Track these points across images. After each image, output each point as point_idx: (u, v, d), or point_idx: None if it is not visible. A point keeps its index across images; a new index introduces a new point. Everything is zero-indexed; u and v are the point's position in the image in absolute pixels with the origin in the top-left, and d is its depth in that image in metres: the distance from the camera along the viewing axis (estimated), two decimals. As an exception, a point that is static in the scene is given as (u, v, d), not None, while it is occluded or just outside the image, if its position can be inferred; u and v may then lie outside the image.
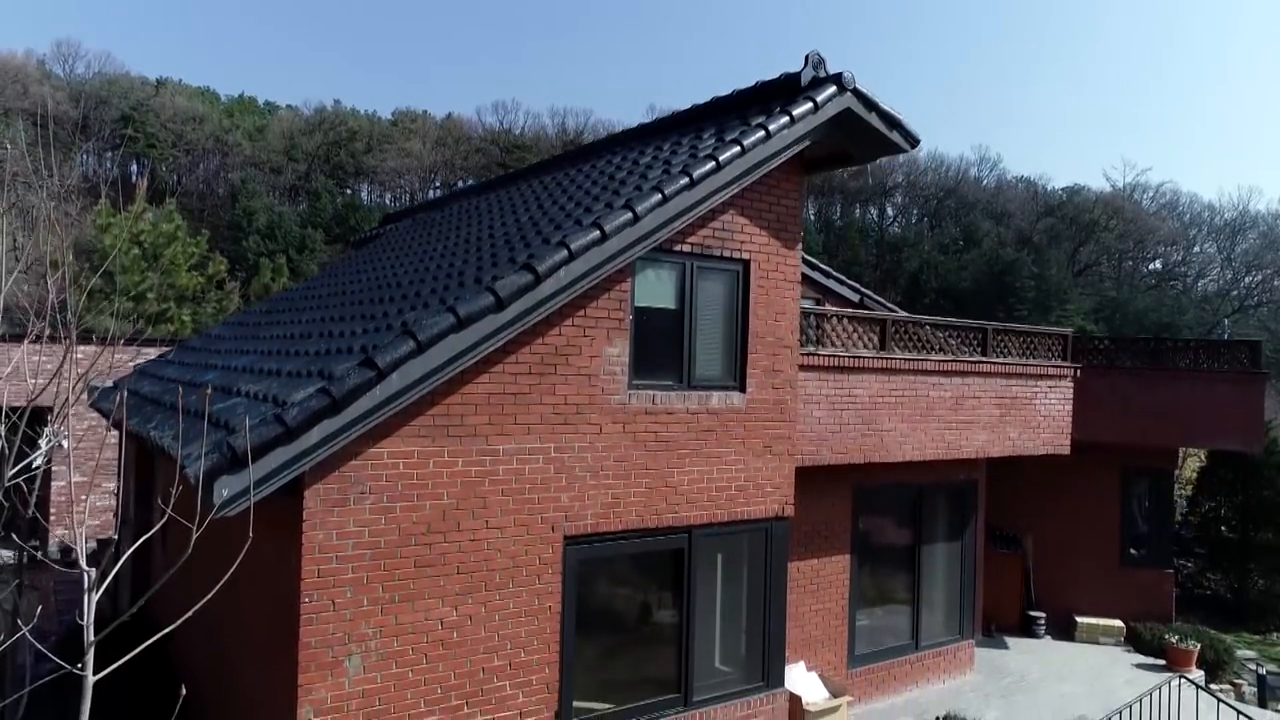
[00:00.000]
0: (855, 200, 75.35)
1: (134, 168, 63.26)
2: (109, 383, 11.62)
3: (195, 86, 72.50)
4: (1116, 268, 69.57)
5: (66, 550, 17.13)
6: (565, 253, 6.23)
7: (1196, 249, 71.90)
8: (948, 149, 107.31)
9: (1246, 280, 68.46)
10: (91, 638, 3.94)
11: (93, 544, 17.41)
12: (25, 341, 4.41)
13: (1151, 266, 71.74)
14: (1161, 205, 73.08)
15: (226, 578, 3.98)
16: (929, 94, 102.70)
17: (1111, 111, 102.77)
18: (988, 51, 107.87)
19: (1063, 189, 72.96)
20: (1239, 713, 9.67)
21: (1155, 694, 9.98)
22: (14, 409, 4.66)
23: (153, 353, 14.89)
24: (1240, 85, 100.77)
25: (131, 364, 14.05)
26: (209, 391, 6.07)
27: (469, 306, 5.84)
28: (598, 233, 6.39)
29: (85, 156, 59.96)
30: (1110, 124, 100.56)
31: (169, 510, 3.90)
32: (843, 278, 12.67)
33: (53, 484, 17.47)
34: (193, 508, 4.62)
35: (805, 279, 10.50)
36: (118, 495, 15.01)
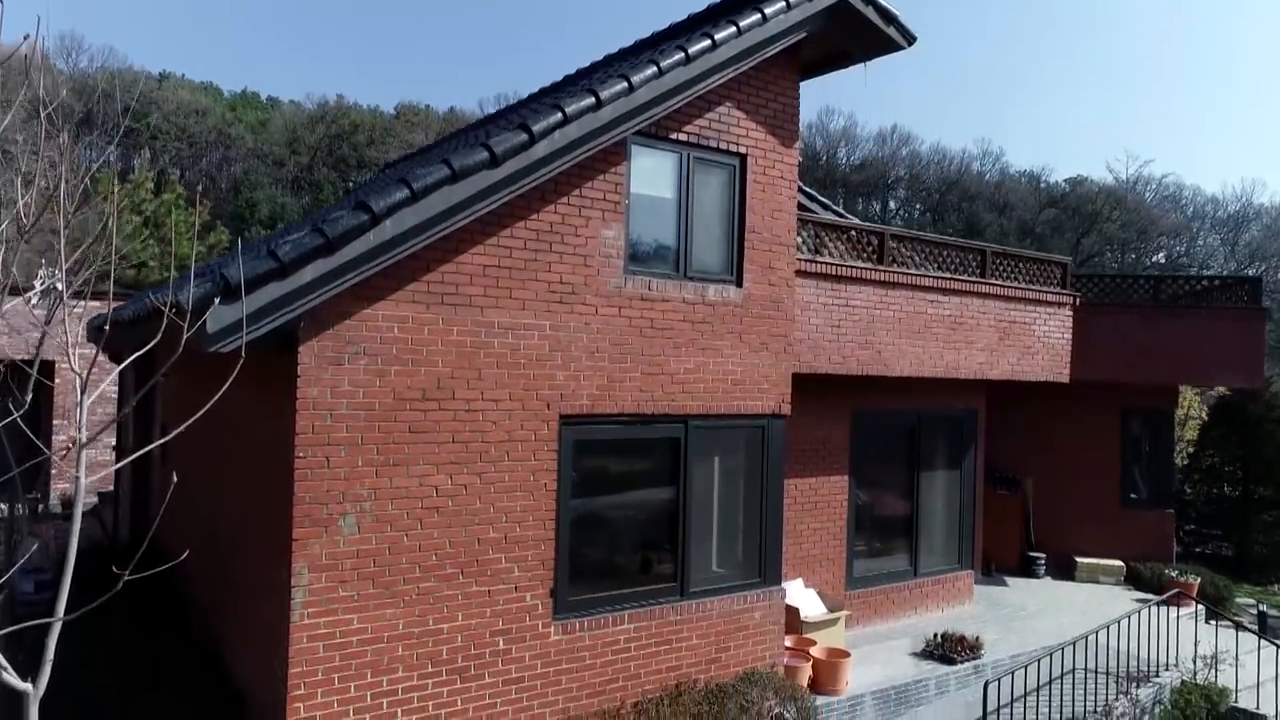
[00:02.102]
0: (857, 194, 75.29)
1: (135, 162, 63.40)
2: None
3: (198, 82, 72.69)
4: (1119, 258, 69.50)
5: (68, 503, 17.18)
6: (560, 115, 6.25)
7: (1200, 241, 71.83)
8: (950, 143, 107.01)
9: (1250, 271, 68.36)
10: (84, 439, 3.97)
11: (93, 498, 17.48)
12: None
13: (1155, 258, 71.63)
14: (1164, 198, 73.06)
15: (221, 392, 3.98)
16: (931, 90, 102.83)
17: (1114, 104, 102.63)
18: (990, 47, 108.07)
19: (1065, 180, 72.96)
20: (1239, 626, 9.65)
21: (1153, 609, 9.99)
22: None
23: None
24: (1244, 80, 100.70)
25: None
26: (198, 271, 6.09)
27: (463, 159, 5.86)
28: (592, 98, 6.41)
29: (88, 150, 60.17)
30: (1113, 117, 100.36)
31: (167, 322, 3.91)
32: (840, 210, 12.66)
33: (54, 438, 17.57)
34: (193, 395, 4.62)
35: (798, 206, 10.48)
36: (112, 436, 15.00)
